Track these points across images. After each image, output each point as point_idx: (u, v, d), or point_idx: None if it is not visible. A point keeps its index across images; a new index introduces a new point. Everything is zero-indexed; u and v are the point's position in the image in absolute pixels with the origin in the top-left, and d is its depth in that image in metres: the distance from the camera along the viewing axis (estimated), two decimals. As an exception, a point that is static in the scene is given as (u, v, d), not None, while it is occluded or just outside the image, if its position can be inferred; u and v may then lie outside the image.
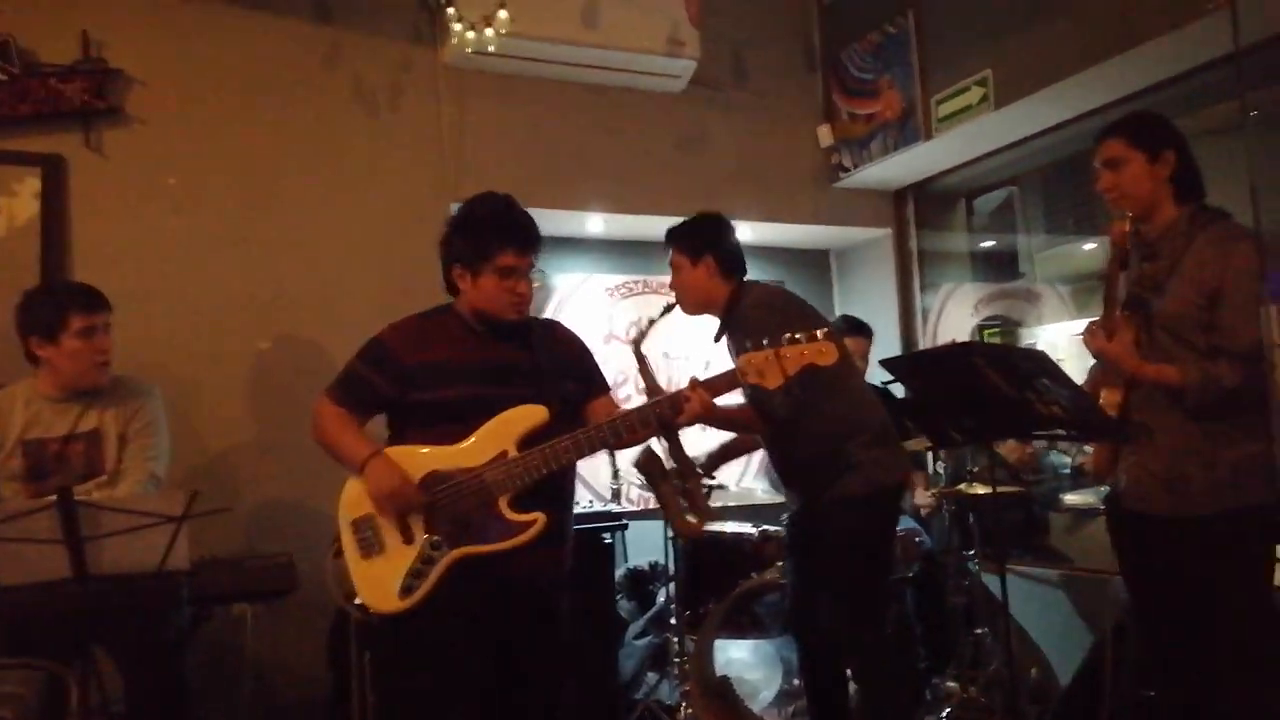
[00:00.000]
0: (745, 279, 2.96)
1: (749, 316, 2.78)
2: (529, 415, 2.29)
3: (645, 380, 3.00)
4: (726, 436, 3.29)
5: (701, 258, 2.92)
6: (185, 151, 3.62)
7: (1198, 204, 2.41)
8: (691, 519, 2.65)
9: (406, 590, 2.23)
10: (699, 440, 4.80)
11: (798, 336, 2.24)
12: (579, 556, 2.58)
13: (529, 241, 2.38)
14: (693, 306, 2.99)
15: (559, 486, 2.36)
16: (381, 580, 2.25)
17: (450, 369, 2.33)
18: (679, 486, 2.68)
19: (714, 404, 2.30)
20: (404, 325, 2.42)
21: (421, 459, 2.29)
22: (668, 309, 3.03)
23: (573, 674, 2.47)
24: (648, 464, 2.71)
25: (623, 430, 2.28)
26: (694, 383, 2.30)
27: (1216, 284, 2.25)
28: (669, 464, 2.75)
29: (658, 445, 2.79)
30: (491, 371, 2.34)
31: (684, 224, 3.01)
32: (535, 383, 2.34)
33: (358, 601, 2.36)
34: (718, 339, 3.00)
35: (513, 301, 2.35)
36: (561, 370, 2.42)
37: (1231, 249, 2.25)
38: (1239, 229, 2.31)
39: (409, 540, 2.28)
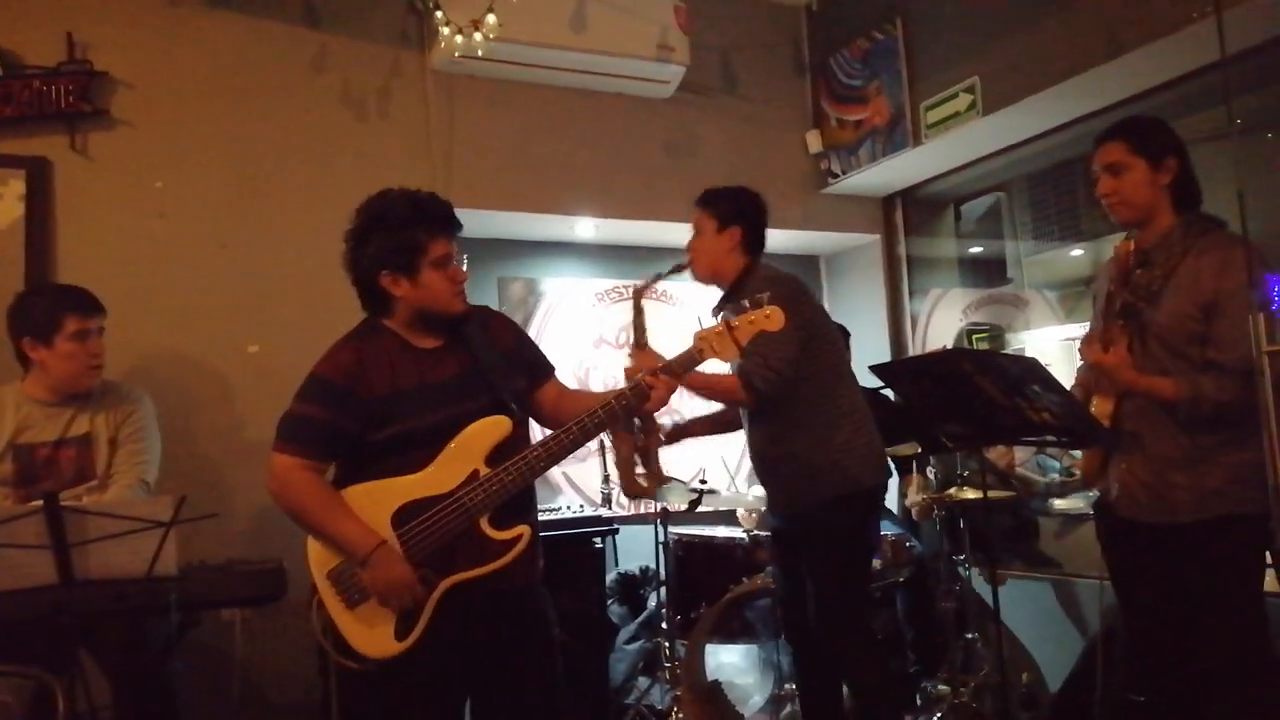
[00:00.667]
0: (760, 261, 2.97)
1: (761, 292, 2.79)
2: (493, 429, 2.20)
3: (636, 334, 2.99)
4: (703, 409, 3.28)
5: (729, 226, 2.92)
6: (172, 155, 3.59)
7: (1194, 212, 2.41)
8: (642, 481, 2.69)
9: (404, 631, 2.13)
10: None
11: (745, 304, 2.28)
12: (570, 561, 2.58)
13: (454, 225, 2.28)
14: (705, 271, 2.98)
15: (526, 492, 2.29)
16: (373, 627, 2.13)
17: (407, 400, 2.19)
18: (638, 443, 2.70)
19: (677, 387, 2.29)
20: (342, 356, 2.24)
21: (392, 492, 2.17)
22: (677, 269, 3.02)
23: (562, 669, 2.40)
24: None
25: (591, 428, 2.23)
26: (654, 369, 2.27)
27: (1211, 297, 2.25)
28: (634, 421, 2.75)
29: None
30: (446, 392, 2.22)
31: (721, 189, 3.01)
32: (487, 392, 2.24)
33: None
34: (716, 312, 2.99)
35: (456, 291, 2.26)
36: (507, 367, 2.33)
37: (1227, 261, 2.24)
38: (1235, 239, 2.29)
39: None
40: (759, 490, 4.07)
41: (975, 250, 5.09)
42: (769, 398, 2.72)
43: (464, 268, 2.33)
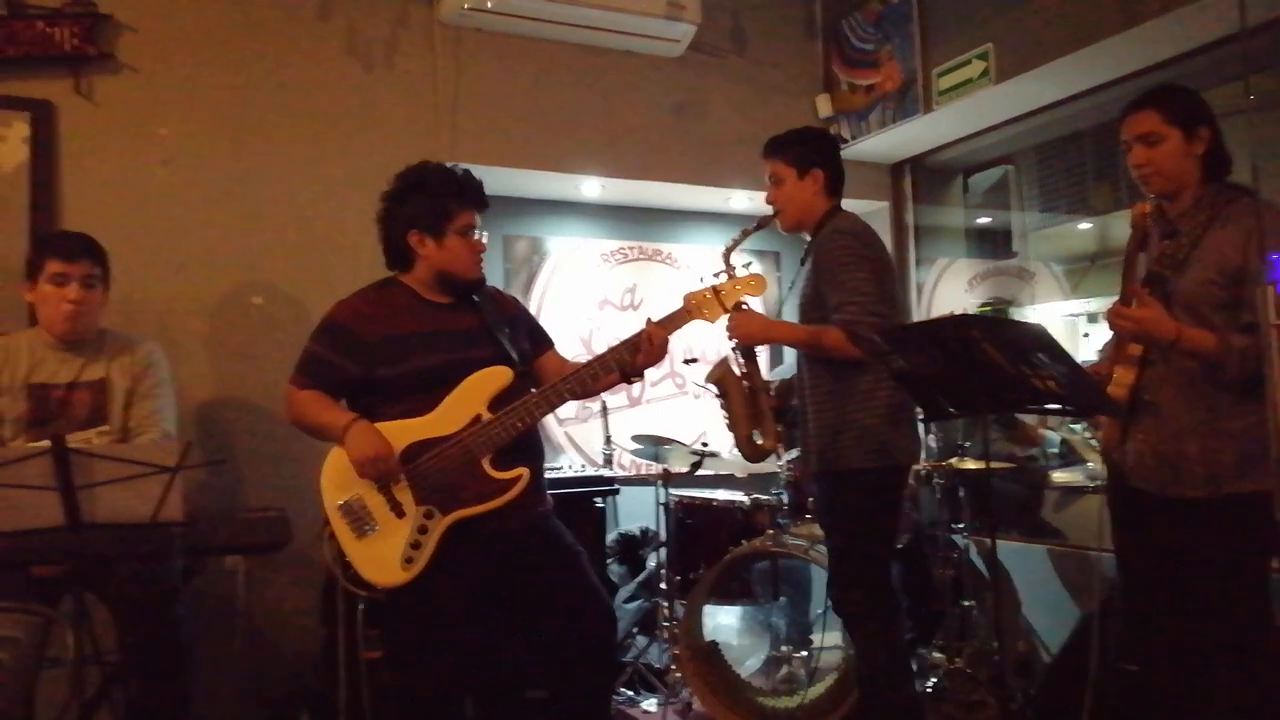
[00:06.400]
0: (839, 205, 2.89)
1: (832, 242, 2.72)
2: (495, 377, 2.39)
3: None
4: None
5: (810, 171, 2.83)
6: (177, 101, 3.55)
7: (1221, 181, 2.38)
8: (760, 440, 2.71)
9: (409, 561, 2.28)
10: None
11: (733, 271, 2.52)
12: (571, 520, 2.66)
13: (484, 200, 2.52)
14: (792, 221, 2.87)
15: (530, 439, 2.46)
16: (381, 556, 2.30)
17: (412, 341, 2.39)
18: (750, 407, 2.71)
19: (668, 342, 2.45)
20: (355, 303, 2.47)
21: (399, 433, 2.34)
22: (761, 224, 2.88)
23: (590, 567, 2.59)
24: (722, 378, 2.73)
25: (588, 379, 2.41)
26: (649, 323, 2.45)
27: (1240, 261, 2.23)
28: (743, 384, 2.74)
29: (734, 363, 2.78)
30: (451, 339, 2.42)
31: (791, 134, 2.91)
32: (493, 345, 2.44)
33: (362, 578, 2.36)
34: (805, 261, 2.88)
35: (476, 259, 2.49)
36: (512, 330, 2.53)
37: (1255, 228, 2.20)
38: (1263, 206, 2.24)
39: (401, 514, 2.33)
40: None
41: (982, 221, 5.08)
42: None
43: (485, 241, 2.53)
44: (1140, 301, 2.27)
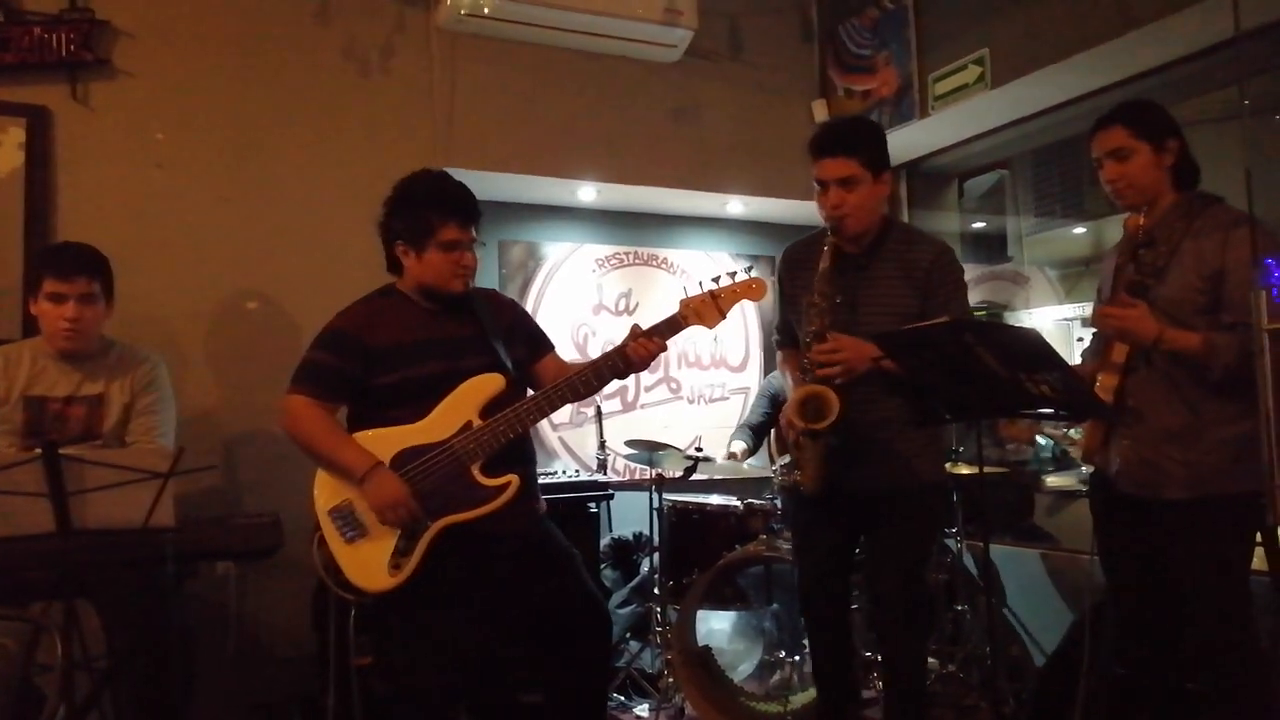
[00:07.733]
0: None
1: (949, 257, 2.56)
2: (487, 384, 2.39)
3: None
4: None
5: (882, 174, 2.55)
6: (173, 106, 3.56)
7: (1192, 190, 2.44)
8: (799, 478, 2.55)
9: (396, 567, 2.29)
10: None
11: (731, 274, 2.44)
12: (564, 525, 2.67)
13: (469, 214, 2.47)
14: (860, 227, 2.53)
15: (521, 445, 2.46)
16: (369, 561, 2.32)
17: (408, 350, 2.41)
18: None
19: (660, 350, 2.40)
20: (356, 311, 2.48)
21: (390, 440, 2.36)
22: (834, 229, 2.51)
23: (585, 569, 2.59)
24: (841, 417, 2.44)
25: (580, 386, 2.40)
26: (636, 331, 2.41)
27: (1218, 265, 2.27)
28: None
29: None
30: (446, 347, 2.43)
31: (862, 126, 2.64)
32: (487, 352, 2.45)
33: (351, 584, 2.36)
34: (857, 271, 2.55)
35: (457, 274, 2.45)
36: (508, 336, 2.53)
37: (1230, 232, 2.27)
38: (1236, 213, 2.33)
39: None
40: (754, 460, 4.08)
41: (977, 226, 5.07)
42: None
43: (477, 256, 2.50)
44: (1125, 303, 2.30)
